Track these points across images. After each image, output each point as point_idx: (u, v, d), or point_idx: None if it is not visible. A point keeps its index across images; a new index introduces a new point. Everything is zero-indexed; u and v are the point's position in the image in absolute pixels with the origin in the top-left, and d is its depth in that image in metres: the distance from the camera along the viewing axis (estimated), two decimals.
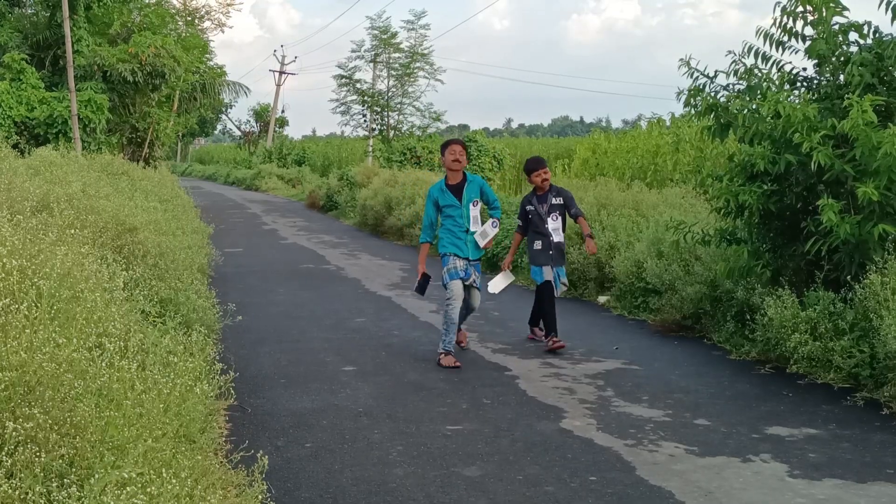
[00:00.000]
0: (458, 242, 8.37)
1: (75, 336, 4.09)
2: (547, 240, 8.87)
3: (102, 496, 3.00)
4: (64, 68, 24.40)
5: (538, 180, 9.04)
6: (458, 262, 8.31)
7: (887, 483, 5.16)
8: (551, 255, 8.88)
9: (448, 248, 8.40)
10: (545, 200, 9.03)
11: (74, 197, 8.32)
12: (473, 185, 8.49)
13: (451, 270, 8.29)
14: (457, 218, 8.39)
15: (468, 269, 8.36)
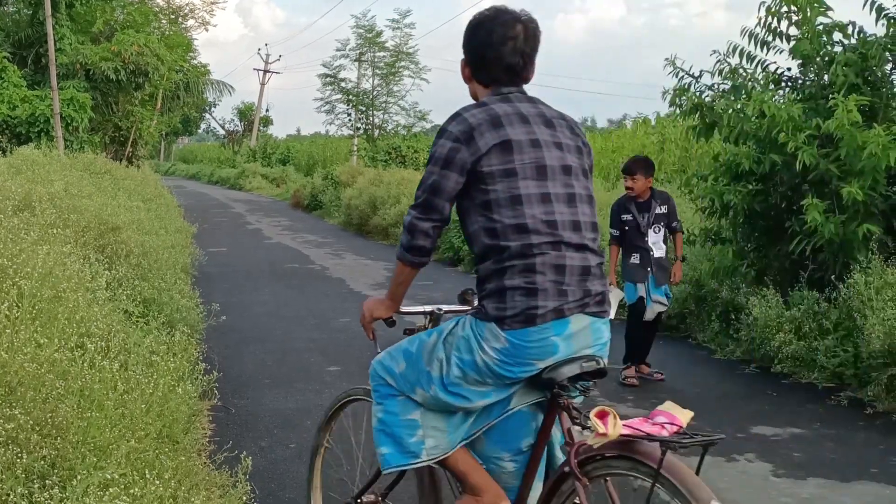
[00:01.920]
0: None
1: (57, 336, 4.06)
2: (647, 254, 7.53)
3: (85, 497, 2.97)
4: (46, 66, 24.26)
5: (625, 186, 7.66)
6: None
7: (871, 482, 5.17)
8: (651, 271, 7.55)
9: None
10: (647, 209, 7.53)
11: (57, 196, 8.27)
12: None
13: None
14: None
15: None
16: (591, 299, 2.93)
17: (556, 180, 2.96)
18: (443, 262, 15.87)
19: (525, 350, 2.83)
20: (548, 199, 2.91)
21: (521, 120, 2.99)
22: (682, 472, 2.61)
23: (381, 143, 32.51)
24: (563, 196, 2.95)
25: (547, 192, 2.92)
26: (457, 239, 15.41)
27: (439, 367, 2.98)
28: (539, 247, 2.85)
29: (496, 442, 3.07)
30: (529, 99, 3.13)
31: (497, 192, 2.90)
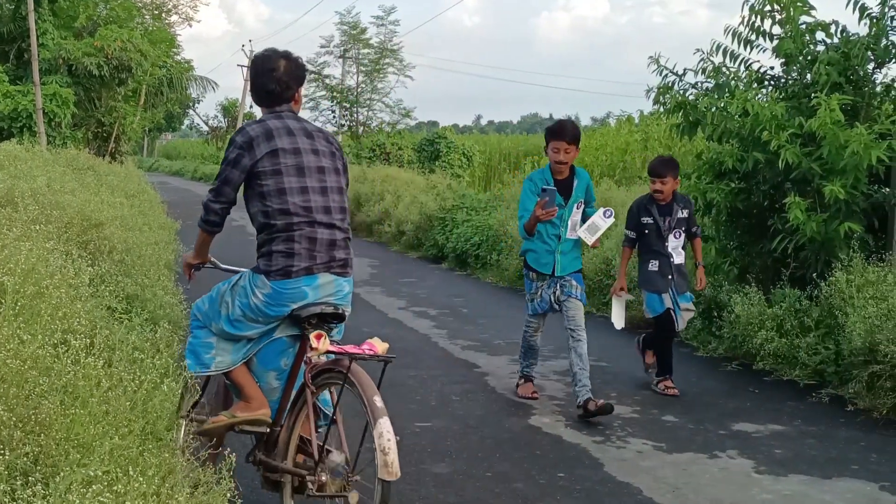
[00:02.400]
0: (544, 254, 6.64)
1: (40, 332, 4.04)
2: (666, 260, 7.09)
3: (68, 494, 2.96)
4: (28, 62, 24.13)
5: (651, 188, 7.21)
6: (543, 288, 6.66)
7: (852, 479, 5.21)
8: (671, 279, 7.11)
9: (530, 259, 6.74)
10: (669, 212, 7.12)
11: (39, 192, 8.23)
12: (582, 181, 6.78)
13: (535, 300, 6.74)
14: (553, 219, 6.59)
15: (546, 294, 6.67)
16: (335, 263, 4.11)
17: (312, 177, 4.12)
18: (426, 259, 15.87)
19: (283, 295, 4.01)
20: (305, 191, 4.08)
21: (287, 133, 4.16)
22: (362, 377, 3.81)
23: (366, 140, 32.44)
24: (318, 189, 4.12)
25: (305, 185, 4.09)
26: (440, 237, 15.42)
27: (226, 308, 4.18)
28: (298, 225, 4.02)
29: (265, 363, 4.23)
30: (296, 117, 4.31)
31: (268, 185, 4.06)
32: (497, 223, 13.88)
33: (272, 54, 4.31)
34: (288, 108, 4.29)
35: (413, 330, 9.47)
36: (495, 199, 16.11)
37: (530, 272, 6.73)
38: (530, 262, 6.71)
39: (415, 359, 8.09)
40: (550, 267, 6.60)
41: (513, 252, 12.82)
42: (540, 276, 6.66)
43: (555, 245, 6.60)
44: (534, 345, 6.90)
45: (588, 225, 6.56)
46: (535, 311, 6.76)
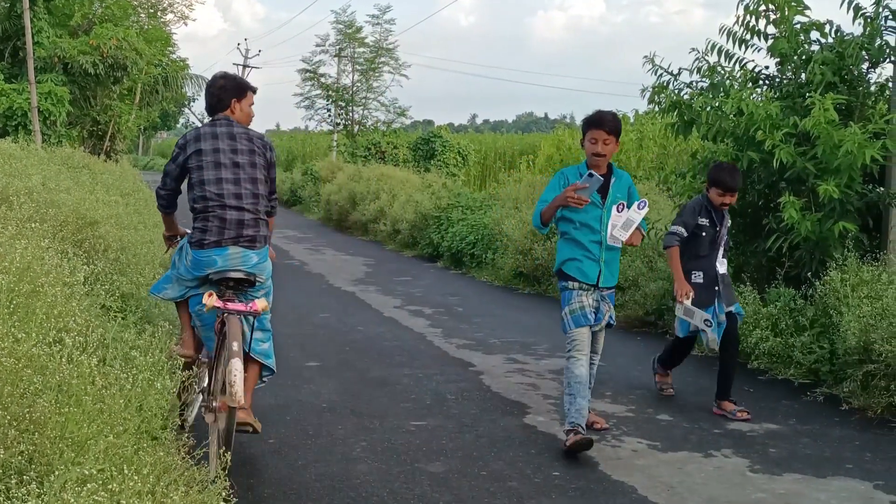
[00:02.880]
0: (588, 263, 5.85)
1: (35, 331, 4.04)
2: (713, 270, 6.49)
3: (62, 493, 2.96)
4: (24, 60, 24.08)
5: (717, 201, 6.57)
6: (586, 297, 5.87)
7: (847, 477, 5.23)
8: (717, 291, 6.49)
9: (571, 269, 5.90)
10: (723, 220, 6.60)
11: (34, 190, 8.22)
12: (622, 181, 5.98)
13: (577, 312, 5.85)
14: (591, 223, 5.84)
15: (599, 306, 5.91)
16: (242, 238, 5.10)
17: (227, 171, 5.13)
18: (422, 257, 15.88)
19: (199, 262, 5.09)
20: (220, 182, 5.10)
21: (212, 136, 5.21)
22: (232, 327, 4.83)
23: (361, 139, 32.41)
24: (231, 179, 5.13)
25: (220, 177, 5.11)
26: (436, 235, 15.42)
27: (174, 264, 5.37)
28: (211, 208, 5.07)
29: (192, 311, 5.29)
30: (227, 123, 5.31)
31: (194, 177, 5.16)
32: (492, 222, 13.89)
33: (215, 75, 5.52)
34: (223, 116, 5.36)
35: (408, 329, 9.47)
36: (490, 199, 16.12)
37: (570, 281, 5.88)
38: (572, 272, 5.86)
39: (410, 357, 8.10)
40: (595, 276, 5.82)
41: (508, 251, 12.83)
42: (583, 286, 5.84)
43: (598, 252, 5.80)
44: (580, 375, 5.74)
45: (623, 222, 5.80)
46: (580, 323, 5.81)
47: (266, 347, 5.45)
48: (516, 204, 14.24)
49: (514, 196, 14.84)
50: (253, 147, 5.26)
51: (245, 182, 5.16)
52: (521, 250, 12.43)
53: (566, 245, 5.93)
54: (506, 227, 13.07)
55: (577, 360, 5.77)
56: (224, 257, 5.02)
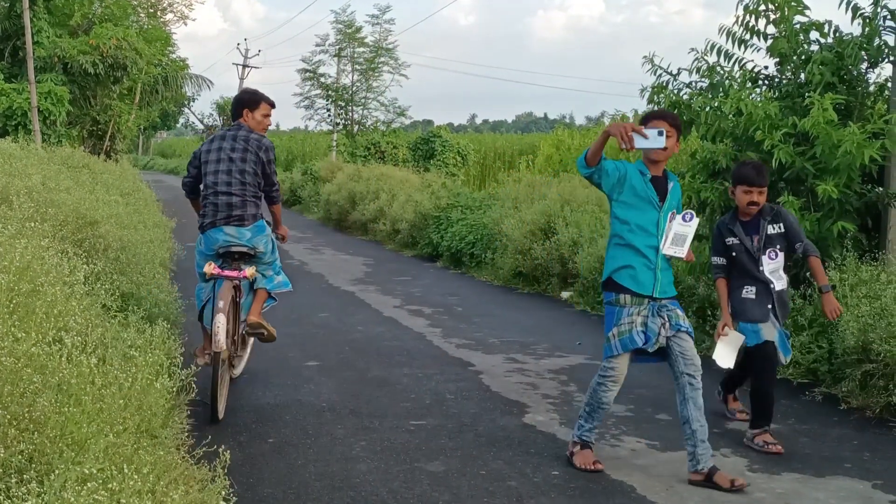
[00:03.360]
0: (643, 271, 5.18)
1: (35, 330, 4.04)
2: (764, 286, 5.96)
3: (63, 492, 2.97)
4: (23, 60, 24.09)
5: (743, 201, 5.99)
6: (637, 314, 5.16)
7: (845, 477, 5.23)
8: (771, 308, 5.96)
9: (624, 278, 5.20)
10: (756, 229, 6.01)
11: (34, 190, 8.22)
12: (677, 189, 5.40)
13: (625, 335, 5.16)
14: (647, 227, 5.19)
15: (648, 323, 5.16)
16: (233, 218, 6.45)
17: (221, 165, 6.51)
18: (421, 257, 15.88)
19: (207, 241, 6.52)
20: (215, 174, 6.51)
21: (220, 139, 6.67)
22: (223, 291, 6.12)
23: (361, 139, 32.40)
24: (224, 171, 6.50)
25: (216, 170, 6.51)
26: (435, 235, 15.43)
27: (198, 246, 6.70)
28: (208, 195, 6.50)
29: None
30: (237, 128, 6.70)
31: (204, 173, 6.61)
32: (492, 222, 13.89)
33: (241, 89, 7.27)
34: (236, 123, 6.78)
35: (408, 328, 9.48)
36: (490, 198, 16.12)
37: (620, 295, 5.19)
38: (623, 281, 5.18)
39: (409, 357, 8.11)
40: (650, 286, 5.16)
41: (507, 251, 12.83)
42: (635, 300, 5.18)
43: (654, 259, 5.16)
44: (605, 401, 5.30)
45: (672, 237, 5.21)
46: (627, 347, 5.16)
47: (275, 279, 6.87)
48: (516, 204, 14.24)
49: (514, 196, 14.83)
50: (247, 147, 6.55)
51: (235, 173, 6.49)
52: (520, 250, 12.44)
53: (618, 250, 5.24)
54: (505, 227, 13.07)
55: (608, 388, 5.27)
56: (224, 235, 6.41)
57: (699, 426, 5.09)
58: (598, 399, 5.28)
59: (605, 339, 5.24)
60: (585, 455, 5.30)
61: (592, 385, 5.33)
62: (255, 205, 6.54)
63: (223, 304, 6.02)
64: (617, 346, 5.16)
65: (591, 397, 5.32)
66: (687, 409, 5.12)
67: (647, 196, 5.16)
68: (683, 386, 5.14)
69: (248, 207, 6.47)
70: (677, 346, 5.15)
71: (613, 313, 5.20)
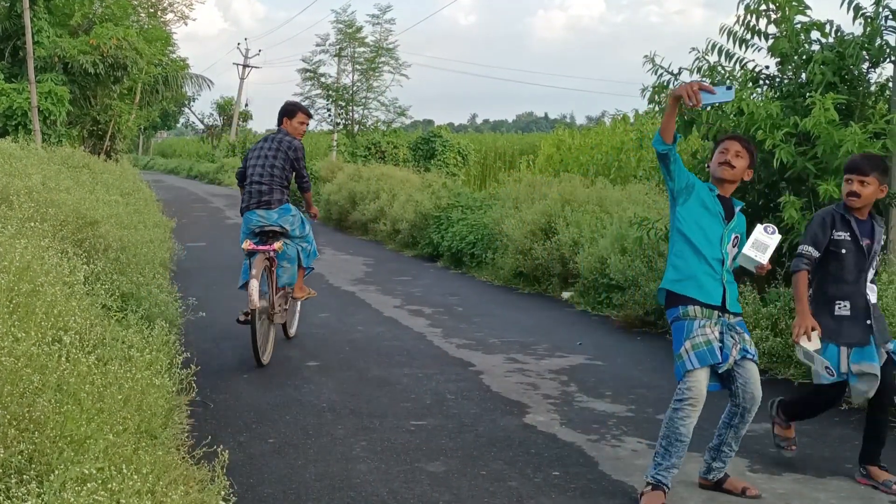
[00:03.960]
0: (709, 279, 4.79)
1: (34, 330, 4.04)
2: (863, 300, 5.07)
3: (62, 492, 2.96)
4: (24, 59, 24.08)
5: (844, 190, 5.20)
6: (710, 327, 4.71)
7: (846, 478, 5.23)
8: (870, 325, 5.07)
9: (688, 288, 4.78)
10: (871, 233, 5.17)
11: (34, 190, 8.22)
12: (742, 218, 5.06)
13: (701, 348, 4.66)
14: (710, 237, 4.83)
15: (724, 339, 4.71)
16: (262, 202, 7.96)
17: (258, 161, 8.09)
18: (422, 257, 15.88)
19: (245, 222, 8.05)
20: (254, 168, 8.07)
21: (263, 141, 8.36)
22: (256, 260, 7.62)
23: (361, 139, 32.38)
24: (259, 165, 8.06)
25: (255, 165, 8.08)
26: (436, 235, 15.42)
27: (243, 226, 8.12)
28: (247, 185, 8.06)
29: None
30: (277, 132, 8.37)
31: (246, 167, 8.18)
32: (492, 222, 13.89)
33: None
34: (279, 128, 8.47)
35: (408, 328, 9.47)
36: (490, 198, 16.11)
37: (689, 306, 4.74)
38: (688, 291, 4.76)
39: (409, 357, 8.10)
40: (719, 296, 4.75)
41: (507, 251, 12.82)
42: (705, 311, 4.73)
43: (720, 271, 4.79)
44: (684, 433, 4.69)
45: (753, 242, 4.82)
46: (705, 361, 4.64)
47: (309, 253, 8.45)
48: (516, 203, 14.24)
49: (514, 196, 14.82)
50: (279, 147, 8.19)
51: (266, 167, 8.11)
52: (521, 250, 12.43)
53: (680, 260, 4.84)
54: (506, 227, 13.06)
55: (687, 415, 4.67)
56: (256, 217, 7.98)
57: (728, 451, 4.92)
58: (676, 430, 4.68)
59: (677, 358, 4.71)
60: (654, 499, 4.68)
61: (668, 415, 4.74)
62: (280, 192, 8.08)
63: (256, 272, 7.56)
64: (692, 361, 4.63)
65: (668, 429, 4.72)
66: (727, 434, 4.91)
67: (714, 209, 4.85)
68: (735, 415, 4.87)
69: (275, 194, 8.01)
70: (741, 374, 4.77)
71: (683, 328, 4.72)
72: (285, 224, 8.00)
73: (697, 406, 4.64)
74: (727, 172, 4.88)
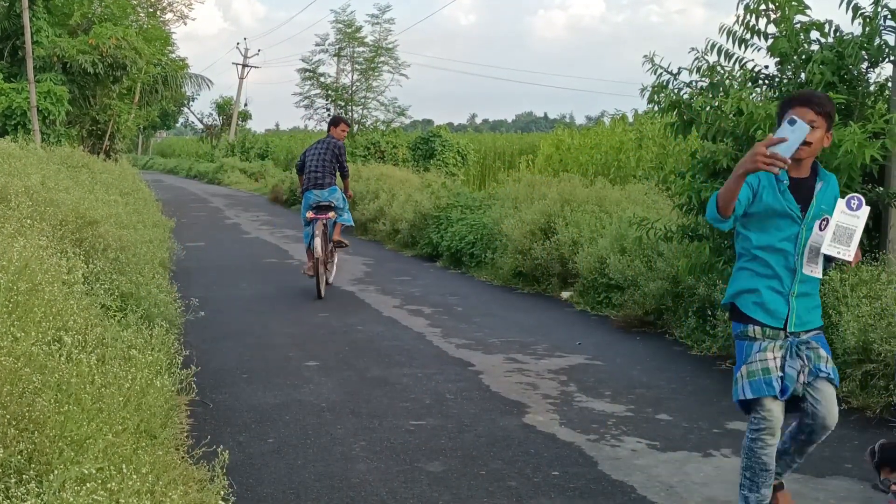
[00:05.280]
0: (772, 296, 4.14)
1: (34, 330, 4.04)
2: None
3: (62, 492, 2.96)
4: (23, 59, 24.10)
5: None
6: (772, 351, 4.13)
7: (845, 477, 5.23)
8: None
9: (747, 305, 4.20)
10: None
11: (33, 189, 8.22)
12: (830, 188, 4.16)
13: (756, 376, 4.13)
14: (779, 244, 4.11)
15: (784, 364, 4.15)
16: (317, 184, 11.53)
17: (314, 159, 11.64)
18: (421, 257, 15.87)
19: (306, 199, 11.67)
20: (311, 161, 11.66)
21: (317, 143, 11.92)
22: (317, 227, 11.27)
23: (361, 139, 32.40)
24: (315, 161, 11.62)
25: (312, 159, 11.66)
26: (435, 235, 15.42)
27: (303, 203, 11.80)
28: (307, 173, 11.66)
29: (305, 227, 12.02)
30: (326, 137, 11.96)
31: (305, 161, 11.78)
32: (492, 222, 13.88)
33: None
34: (329, 134, 11.90)
35: (407, 328, 9.47)
36: (490, 198, 16.10)
37: (749, 326, 4.18)
38: (749, 310, 4.18)
39: (409, 357, 8.10)
40: (783, 316, 4.14)
41: (507, 250, 12.81)
42: (769, 332, 4.15)
43: (788, 282, 4.11)
44: (767, 462, 4.21)
45: (834, 232, 4.00)
46: (760, 392, 4.11)
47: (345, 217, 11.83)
48: (516, 203, 14.22)
49: (514, 196, 14.81)
50: (328, 147, 11.63)
51: (320, 160, 11.54)
52: (520, 250, 12.42)
53: (744, 271, 4.24)
54: (505, 227, 13.05)
55: (766, 444, 4.17)
56: (313, 195, 11.39)
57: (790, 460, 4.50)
58: (759, 461, 4.19)
59: (734, 381, 4.23)
60: None
61: (746, 446, 4.25)
62: (330, 177, 11.54)
63: (318, 232, 11.04)
64: (745, 390, 4.14)
65: (749, 460, 4.23)
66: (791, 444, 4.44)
67: (783, 209, 4.05)
68: (802, 431, 4.33)
69: (326, 178, 11.46)
70: (812, 396, 4.19)
71: (742, 348, 4.21)
72: (333, 199, 11.44)
73: (776, 433, 4.16)
74: (803, 152, 3.98)
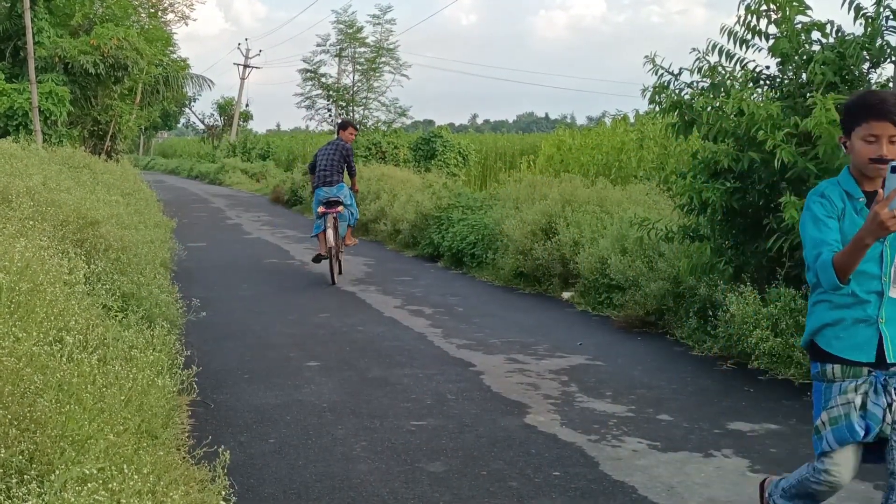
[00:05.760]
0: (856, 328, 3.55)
1: (35, 330, 4.04)
2: None
3: (63, 492, 2.96)
4: (24, 60, 24.12)
5: None
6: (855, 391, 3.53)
7: None
8: None
9: (827, 341, 3.62)
10: None
11: (35, 190, 8.22)
12: None
13: (839, 422, 3.54)
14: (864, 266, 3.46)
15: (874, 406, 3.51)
16: (328, 182, 12.67)
17: (325, 159, 12.81)
18: (422, 257, 15.87)
19: (317, 195, 12.87)
20: (322, 161, 12.85)
21: (328, 145, 13.15)
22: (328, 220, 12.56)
23: (362, 139, 32.40)
24: (325, 162, 12.78)
25: (323, 159, 12.84)
26: (436, 235, 15.42)
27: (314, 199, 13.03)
28: (319, 171, 12.79)
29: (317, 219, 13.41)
30: (335, 139, 13.23)
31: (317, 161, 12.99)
32: (493, 222, 13.88)
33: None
34: (338, 136, 13.25)
35: (408, 329, 9.47)
36: (491, 199, 16.10)
37: (827, 365, 3.62)
38: (827, 345, 3.62)
39: (410, 357, 8.10)
40: (873, 349, 3.53)
41: (508, 251, 12.81)
42: (849, 370, 3.56)
43: (875, 307, 3.53)
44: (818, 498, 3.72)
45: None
46: (844, 439, 3.53)
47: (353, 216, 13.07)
48: (517, 204, 14.22)
49: (515, 196, 14.81)
50: (337, 148, 12.77)
51: (329, 160, 12.66)
52: (521, 250, 12.42)
53: (822, 304, 3.65)
54: (506, 227, 13.04)
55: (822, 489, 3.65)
56: (324, 192, 12.49)
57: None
58: (806, 492, 3.72)
59: (814, 430, 3.66)
60: None
61: (803, 473, 3.74)
62: (338, 175, 12.64)
63: (330, 224, 12.33)
64: (829, 440, 3.56)
65: (799, 485, 3.75)
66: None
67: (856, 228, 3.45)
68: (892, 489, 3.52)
69: (335, 177, 12.57)
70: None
71: (820, 391, 3.67)
72: (341, 196, 12.56)
73: (837, 487, 3.62)
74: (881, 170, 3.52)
